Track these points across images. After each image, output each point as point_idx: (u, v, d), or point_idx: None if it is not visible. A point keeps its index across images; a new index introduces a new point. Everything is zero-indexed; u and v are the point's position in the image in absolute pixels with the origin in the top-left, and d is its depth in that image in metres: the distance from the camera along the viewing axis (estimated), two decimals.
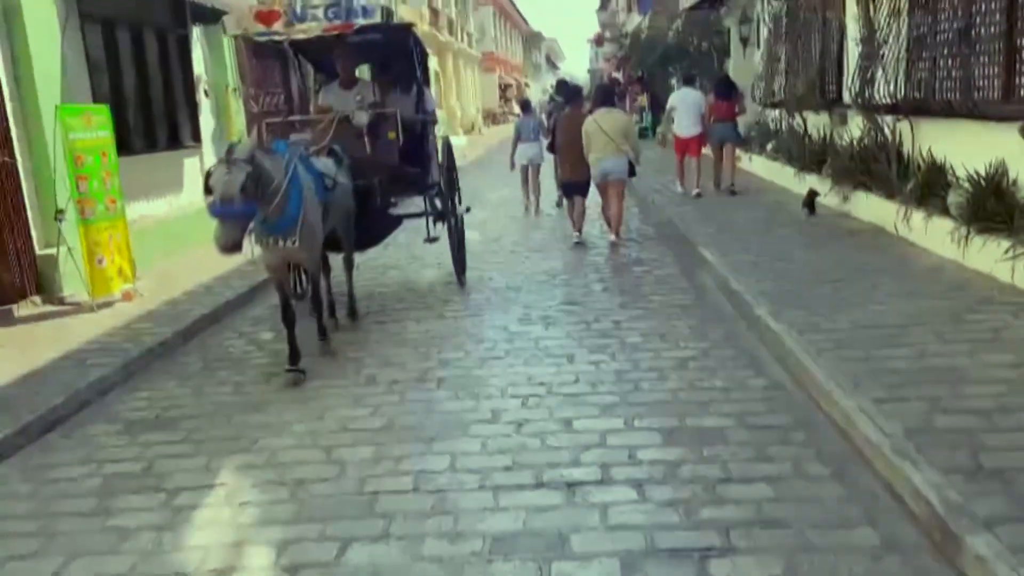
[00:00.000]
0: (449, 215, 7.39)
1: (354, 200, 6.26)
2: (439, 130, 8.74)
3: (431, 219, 7.39)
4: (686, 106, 11.76)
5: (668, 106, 12.61)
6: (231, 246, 4.49)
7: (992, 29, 6.52)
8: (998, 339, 4.65)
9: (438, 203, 7.45)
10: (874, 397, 3.92)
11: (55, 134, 6.98)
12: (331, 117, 6.46)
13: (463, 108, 37.21)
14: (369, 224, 6.67)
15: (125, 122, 9.05)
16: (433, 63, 29.04)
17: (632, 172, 8.92)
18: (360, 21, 6.25)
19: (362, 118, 6.40)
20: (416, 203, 7.63)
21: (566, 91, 11.08)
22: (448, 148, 7.58)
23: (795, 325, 5.14)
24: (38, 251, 7.25)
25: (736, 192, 11.48)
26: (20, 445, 4.39)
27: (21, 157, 7.16)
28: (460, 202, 7.97)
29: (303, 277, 7.17)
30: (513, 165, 12.19)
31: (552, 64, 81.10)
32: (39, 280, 7.23)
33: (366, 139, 6.44)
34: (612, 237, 9.03)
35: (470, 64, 40.96)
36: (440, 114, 29.77)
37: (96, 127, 7.19)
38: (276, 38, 6.49)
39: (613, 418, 4.24)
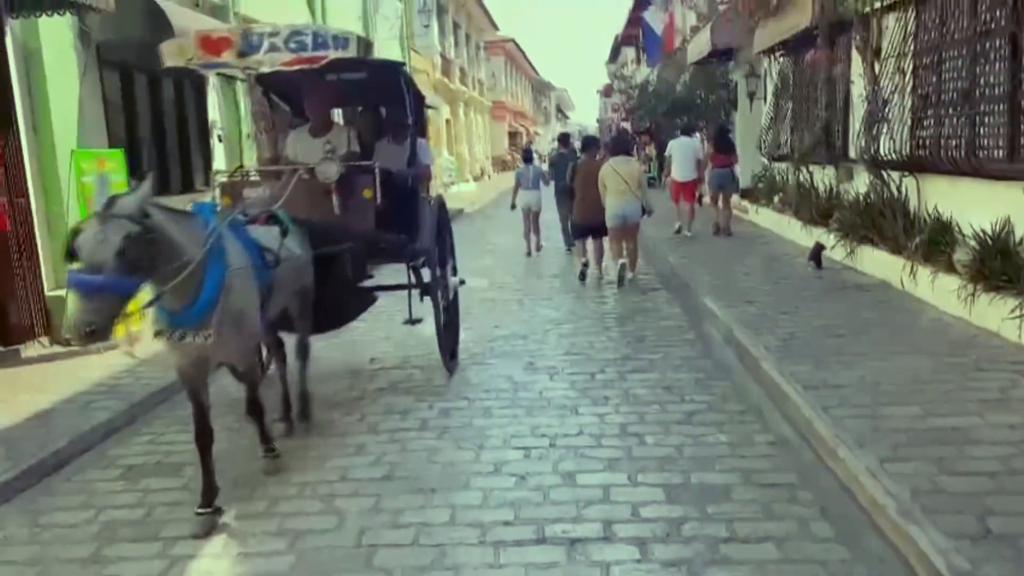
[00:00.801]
0: (438, 289, 6.09)
1: (315, 272, 5.15)
2: (441, 184, 8.50)
3: (417, 294, 6.03)
4: (682, 154, 12.93)
5: (666, 153, 13.83)
6: (88, 333, 3.18)
7: (996, 90, 6.61)
8: (1005, 399, 4.61)
9: (425, 274, 6.09)
10: (880, 456, 3.88)
11: (70, 177, 7.09)
12: (291, 170, 5.35)
13: (473, 155, 37.63)
14: (332, 302, 5.46)
15: (139, 165, 9.19)
16: (445, 111, 29.52)
17: (644, 212, 9.48)
18: (332, 54, 5.01)
19: (330, 171, 5.23)
20: (400, 271, 6.17)
21: (583, 140, 11.94)
22: (441, 208, 6.45)
23: (801, 380, 5.11)
24: (47, 292, 7.30)
25: (731, 234, 12.49)
26: (20, 488, 4.37)
27: (35, 199, 7.27)
28: (455, 273, 6.87)
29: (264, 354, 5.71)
30: (514, 207, 12.89)
31: (562, 113, 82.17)
32: (47, 321, 7.27)
33: (334, 197, 5.29)
34: (630, 274, 9.52)
35: (480, 112, 41.54)
36: (451, 160, 30.15)
37: (110, 171, 7.30)
38: (224, 71, 5.50)
39: (617, 472, 4.21)
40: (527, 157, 13.68)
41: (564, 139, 14.42)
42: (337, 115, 7.23)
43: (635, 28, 32.93)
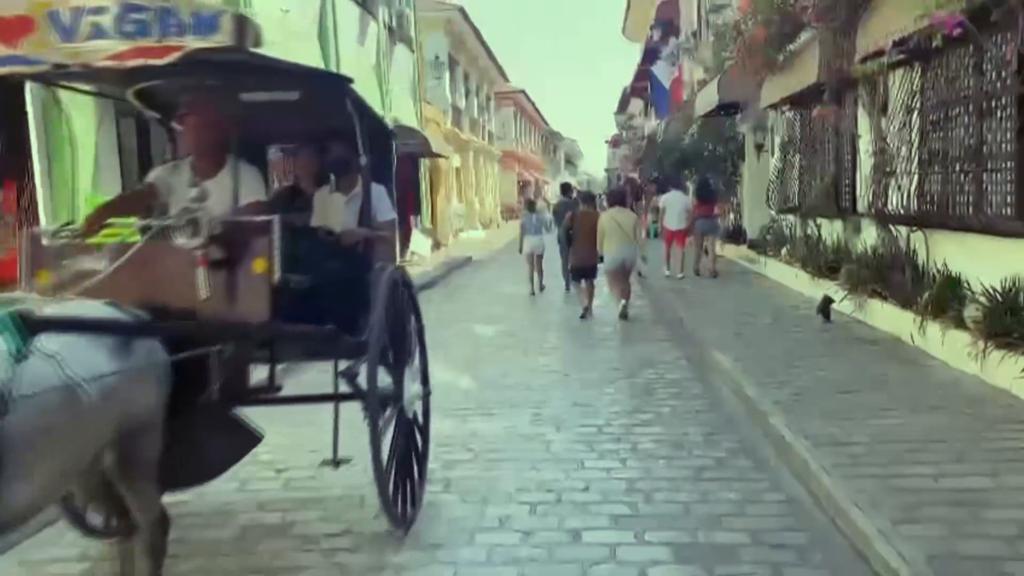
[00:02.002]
0: (387, 404, 4.02)
1: (160, 399, 3.25)
2: (451, 231, 7.87)
3: (350, 409, 4.05)
4: (673, 205, 14.22)
5: (660, 205, 15.16)
6: None
7: (1003, 147, 6.64)
8: (1019, 459, 4.53)
9: (362, 380, 3.86)
10: (893, 518, 3.80)
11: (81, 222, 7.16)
12: (125, 234, 3.68)
13: (482, 203, 37.97)
14: (187, 442, 3.50)
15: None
16: (455, 160, 29.84)
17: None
18: (191, 43, 3.23)
19: (192, 229, 3.48)
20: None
21: (581, 194, 13.56)
22: (402, 286, 4.42)
23: (811, 437, 5.04)
24: None
25: (716, 275, 13.79)
26: (18, 540, 4.31)
27: None
28: (426, 381, 4.85)
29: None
30: (521, 250, 14.05)
31: (570, 162, 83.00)
32: None
33: (200, 272, 3.48)
34: (624, 301, 10.65)
35: (490, 161, 42.00)
36: (460, 208, 30.31)
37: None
38: (23, 70, 3.41)
39: (623, 530, 4.13)
40: (530, 206, 15.16)
41: (565, 188, 16.31)
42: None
43: (643, 80, 33.45)
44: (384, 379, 4.01)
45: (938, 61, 7.67)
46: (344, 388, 4.10)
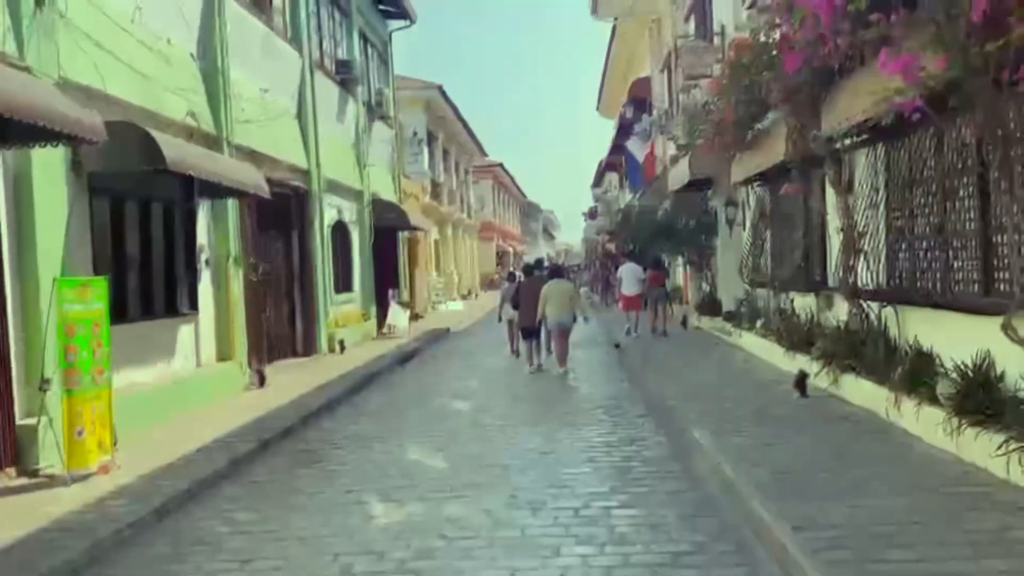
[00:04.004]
0: None
1: None
2: (430, 303, 7.75)
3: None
4: (630, 275, 17.21)
5: (617, 275, 18.34)
6: None
7: (967, 225, 6.78)
8: (998, 541, 4.48)
9: None
10: None
11: (50, 305, 7.04)
12: None
13: (460, 275, 38.09)
14: None
15: (124, 289, 9.24)
16: (434, 232, 30.03)
17: (576, 319, 12.95)
18: None
19: None
20: None
21: (526, 266, 16.32)
22: None
23: (790, 519, 4.96)
24: (19, 421, 7.12)
25: (667, 334, 16.50)
26: None
27: (13, 326, 7.20)
28: None
29: None
30: (500, 319, 15.65)
31: (548, 233, 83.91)
32: (16, 451, 7.06)
33: None
34: (561, 369, 12.71)
35: (469, 233, 42.36)
36: (439, 280, 30.48)
37: (92, 299, 7.21)
38: None
39: None
40: (510, 277, 17.22)
41: (539, 263, 19.12)
42: None
43: (618, 155, 34.17)
44: None
45: (901, 142, 7.90)
46: None
